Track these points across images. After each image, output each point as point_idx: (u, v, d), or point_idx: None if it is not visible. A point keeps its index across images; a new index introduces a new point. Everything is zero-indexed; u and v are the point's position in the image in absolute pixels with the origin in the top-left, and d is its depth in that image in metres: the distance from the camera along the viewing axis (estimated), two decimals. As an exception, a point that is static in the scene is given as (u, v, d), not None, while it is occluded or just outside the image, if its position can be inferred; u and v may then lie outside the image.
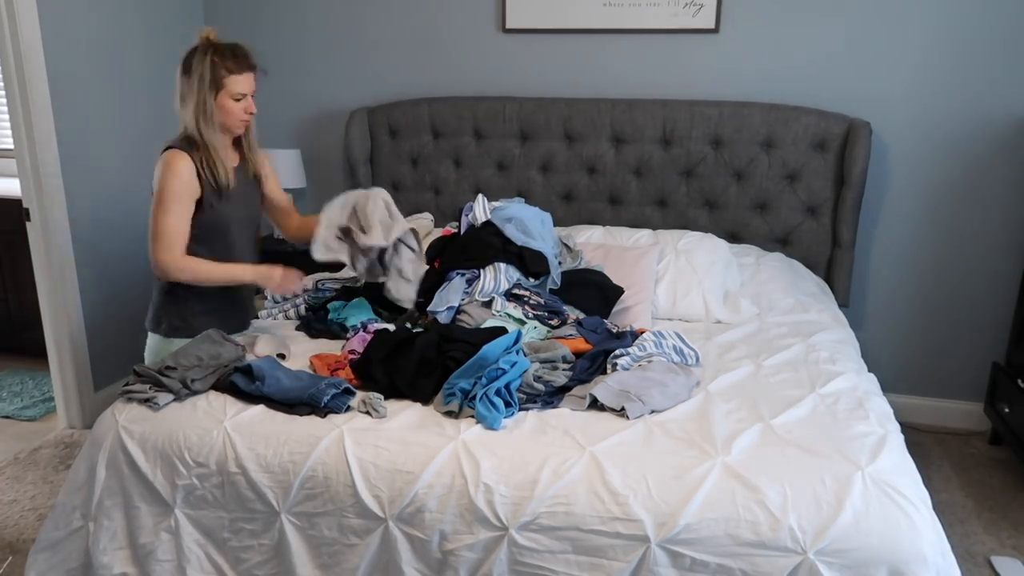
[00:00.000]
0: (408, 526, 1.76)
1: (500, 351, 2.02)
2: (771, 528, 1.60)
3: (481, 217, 2.63)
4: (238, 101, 2.21)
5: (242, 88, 2.20)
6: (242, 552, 1.88)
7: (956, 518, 2.70)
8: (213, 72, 2.16)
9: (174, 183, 2.16)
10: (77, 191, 3.14)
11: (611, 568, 1.66)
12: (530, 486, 1.71)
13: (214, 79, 2.16)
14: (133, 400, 2.00)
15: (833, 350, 2.35)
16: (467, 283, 2.48)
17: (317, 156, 3.71)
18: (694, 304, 2.70)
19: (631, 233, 3.04)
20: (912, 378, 3.37)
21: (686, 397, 2.03)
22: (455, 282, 2.47)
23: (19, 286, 3.81)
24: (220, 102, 2.19)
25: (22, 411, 3.43)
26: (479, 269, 2.49)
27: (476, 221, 2.63)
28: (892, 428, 1.91)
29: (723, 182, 3.19)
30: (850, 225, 3.08)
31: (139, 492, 1.92)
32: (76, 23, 3.08)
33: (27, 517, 2.67)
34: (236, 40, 2.26)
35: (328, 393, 1.95)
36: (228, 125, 2.25)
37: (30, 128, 2.96)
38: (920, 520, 1.61)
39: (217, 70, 2.16)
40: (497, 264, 2.49)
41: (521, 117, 3.30)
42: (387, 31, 3.50)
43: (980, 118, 3.05)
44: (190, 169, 2.18)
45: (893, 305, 3.32)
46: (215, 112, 2.19)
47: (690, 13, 3.17)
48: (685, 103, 3.16)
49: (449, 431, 1.86)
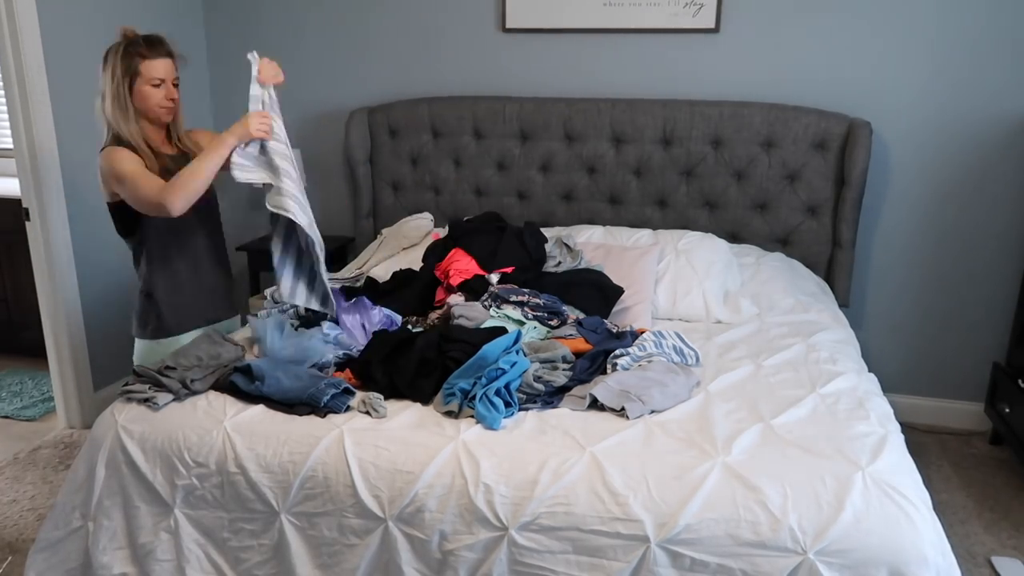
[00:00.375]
0: (408, 526, 1.76)
1: (500, 351, 2.02)
2: (771, 528, 1.60)
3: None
4: (156, 87, 2.20)
5: (157, 72, 2.19)
6: (242, 552, 1.88)
7: (956, 518, 2.70)
8: (127, 60, 2.16)
9: (120, 161, 2.16)
10: (77, 191, 3.14)
11: (611, 568, 1.66)
12: (530, 486, 1.71)
13: (128, 66, 2.17)
14: (133, 400, 2.00)
15: (833, 350, 2.35)
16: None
17: (317, 156, 3.71)
18: (694, 304, 2.70)
19: (631, 233, 3.04)
20: (912, 378, 3.37)
21: (686, 397, 2.02)
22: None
23: (19, 286, 3.81)
24: (137, 89, 2.19)
25: (22, 411, 3.42)
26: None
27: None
28: (892, 428, 1.90)
29: (723, 182, 3.19)
30: (850, 225, 3.08)
31: (139, 492, 1.92)
32: (76, 23, 3.08)
33: (27, 517, 2.67)
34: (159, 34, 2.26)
35: (328, 393, 1.95)
36: (148, 112, 2.23)
37: (30, 128, 2.96)
38: (920, 520, 1.60)
39: (131, 57, 2.17)
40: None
41: (521, 117, 3.30)
42: (387, 31, 3.49)
43: (981, 118, 3.05)
44: (128, 152, 2.19)
45: (893, 305, 3.31)
46: (130, 101, 2.19)
47: (690, 13, 3.17)
48: (685, 103, 3.16)
49: (449, 431, 1.86)
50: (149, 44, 2.20)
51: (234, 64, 3.69)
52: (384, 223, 3.53)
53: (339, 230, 3.78)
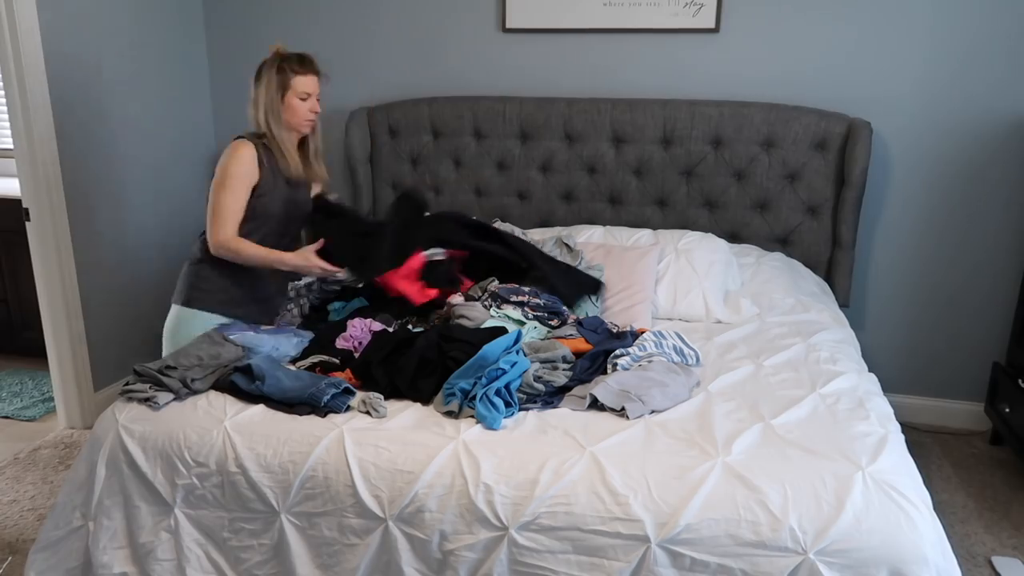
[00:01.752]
0: (408, 526, 1.76)
1: (500, 351, 2.02)
2: (772, 528, 1.60)
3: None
4: (303, 100, 2.40)
5: (307, 88, 2.40)
6: (242, 552, 1.88)
7: (957, 518, 2.70)
8: (281, 75, 2.37)
9: (236, 166, 2.35)
10: (77, 191, 3.14)
11: (611, 568, 1.66)
12: (530, 486, 1.71)
13: (282, 80, 2.37)
14: (133, 399, 2.00)
15: (833, 350, 2.35)
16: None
17: (317, 156, 3.71)
18: (694, 304, 2.70)
19: (631, 233, 3.04)
20: (912, 378, 3.37)
21: (686, 397, 2.02)
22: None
23: (19, 286, 3.81)
24: (287, 101, 2.39)
25: (22, 411, 3.42)
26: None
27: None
28: (893, 428, 1.90)
29: (723, 182, 3.19)
30: (850, 225, 3.08)
31: (139, 491, 1.92)
32: (76, 23, 3.07)
33: (27, 517, 2.67)
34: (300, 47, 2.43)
35: (328, 393, 1.95)
36: (294, 123, 2.42)
37: (30, 128, 2.96)
38: (921, 520, 1.61)
39: (284, 72, 2.37)
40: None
41: (521, 117, 3.30)
42: (387, 31, 3.49)
43: (981, 118, 3.05)
44: (252, 156, 2.36)
45: (893, 305, 3.31)
46: (282, 111, 2.39)
47: (690, 13, 3.17)
48: (685, 103, 3.16)
49: (449, 431, 1.86)
50: (300, 61, 2.40)
51: (234, 64, 3.69)
52: (384, 223, 3.53)
53: (339, 230, 3.78)
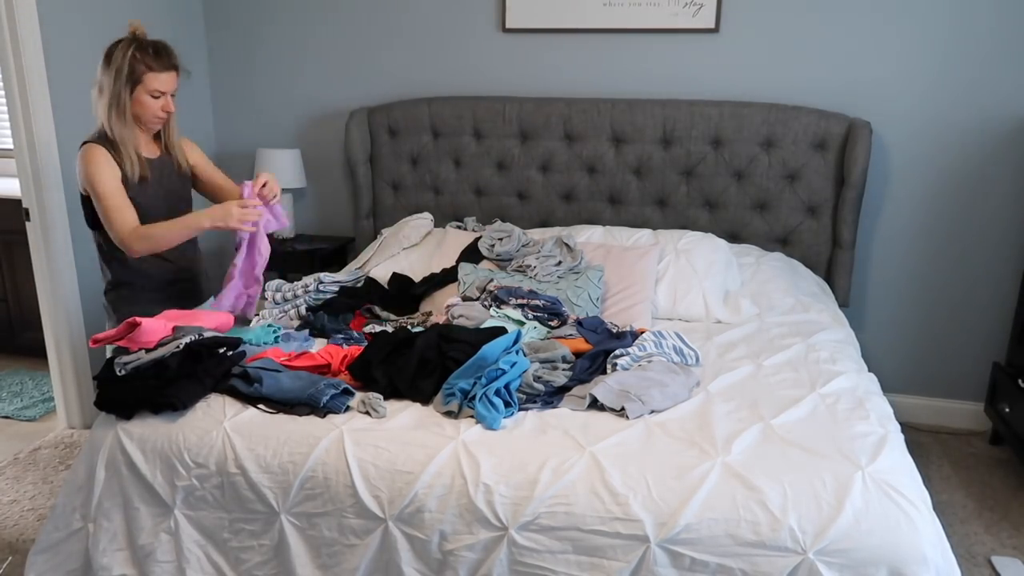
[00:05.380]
0: (408, 526, 1.76)
1: (500, 351, 2.02)
2: (771, 528, 1.60)
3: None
4: (156, 98, 2.23)
5: (160, 86, 2.22)
6: (242, 553, 1.88)
7: (956, 518, 2.70)
8: (132, 67, 2.17)
9: (98, 172, 2.20)
10: (77, 191, 3.13)
11: (611, 568, 1.66)
12: (530, 486, 1.71)
13: (132, 73, 2.18)
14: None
15: (833, 350, 2.35)
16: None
17: (317, 156, 3.71)
18: (694, 304, 2.70)
19: (631, 233, 3.04)
20: (912, 378, 3.37)
21: (686, 397, 2.02)
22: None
23: (19, 286, 3.81)
24: (137, 97, 2.21)
25: (22, 411, 3.43)
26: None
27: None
28: (892, 428, 1.90)
29: (723, 182, 3.19)
30: (850, 225, 3.08)
31: (138, 493, 1.92)
32: (76, 23, 3.07)
33: (27, 517, 2.67)
34: (161, 39, 2.27)
35: (327, 393, 1.95)
36: (143, 119, 2.27)
37: (30, 128, 2.96)
38: (920, 520, 1.60)
39: (137, 65, 2.17)
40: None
41: (521, 117, 3.30)
42: (387, 31, 3.49)
43: (981, 118, 3.05)
44: (105, 154, 2.22)
45: (893, 305, 3.31)
46: (129, 106, 2.21)
47: (690, 13, 3.17)
48: (685, 103, 3.16)
49: (449, 431, 1.86)
50: (156, 54, 2.20)
51: (234, 64, 3.70)
52: (384, 223, 3.53)
53: (339, 230, 3.78)
